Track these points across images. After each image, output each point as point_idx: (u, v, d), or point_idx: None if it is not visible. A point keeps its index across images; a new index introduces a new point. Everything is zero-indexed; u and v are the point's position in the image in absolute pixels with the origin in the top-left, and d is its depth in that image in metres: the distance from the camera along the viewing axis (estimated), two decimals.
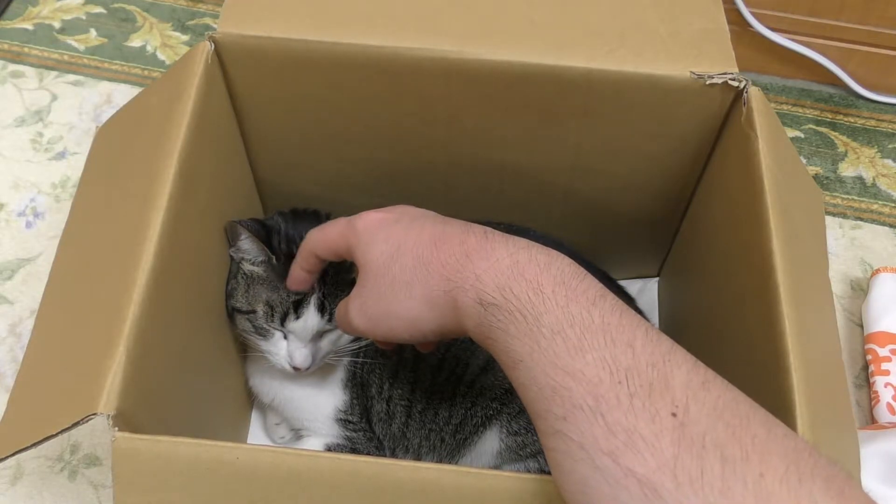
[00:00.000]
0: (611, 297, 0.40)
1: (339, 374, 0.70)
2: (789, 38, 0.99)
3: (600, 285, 0.41)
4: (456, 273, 0.44)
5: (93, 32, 1.09)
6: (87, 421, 0.44)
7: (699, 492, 0.33)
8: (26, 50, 1.06)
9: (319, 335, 0.65)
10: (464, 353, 0.68)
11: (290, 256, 0.64)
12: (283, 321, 0.63)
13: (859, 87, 1.03)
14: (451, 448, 0.70)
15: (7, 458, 0.46)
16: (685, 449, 0.34)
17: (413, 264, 0.47)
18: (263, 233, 0.64)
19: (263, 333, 0.64)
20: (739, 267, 0.58)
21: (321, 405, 0.70)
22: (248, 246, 0.64)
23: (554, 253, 0.43)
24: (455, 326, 0.45)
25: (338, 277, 0.65)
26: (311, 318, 0.63)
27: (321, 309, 0.63)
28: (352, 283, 0.65)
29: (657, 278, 0.87)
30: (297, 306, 0.63)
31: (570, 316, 0.39)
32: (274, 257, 0.63)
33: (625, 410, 0.35)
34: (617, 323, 0.39)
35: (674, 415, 0.35)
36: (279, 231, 0.66)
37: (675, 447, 0.34)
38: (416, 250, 0.47)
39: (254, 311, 0.64)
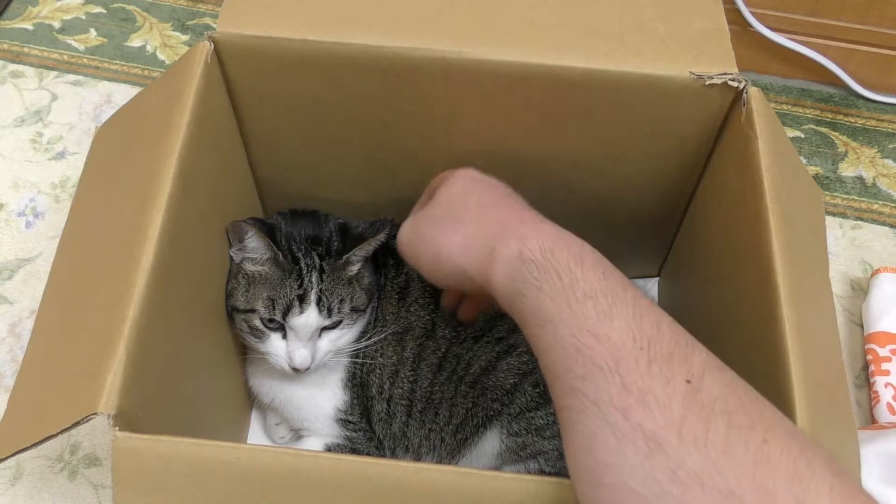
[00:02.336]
0: (642, 290, 0.44)
1: (339, 375, 0.70)
2: (789, 38, 0.99)
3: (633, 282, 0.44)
4: (505, 229, 0.47)
5: (93, 32, 1.09)
6: (88, 421, 0.44)
7: (702, 449, 0.34)
8: (26, 50, 1.06)
9: (318, 334, 0.65)
10: (465, 353, 0.68)
11: (292, 254, 0.64)
12: (285, 315, 0.63)
13: (859, 87, 1.03)
14: (452, 448, 0.70)
15: (7, 458, 0.46)
16: (694, 412, 0.35)
17: (473, 207, 0.52)
18: (267, 230, 0.64)
19: (259, 335, 0.64)
20: (739, 267, 0.58)
21: (321, 405, 0.70)
22: (254, 244, 0.64)
23: (596, 250, 0.46)
24: (479, 275, 0.48)
25: (335, 275, 0.65)
26: (311, 313, 0.63)
27: (319, 304, 0.63)
28: (350, 281, 0.66)
29: (657, 278, 0.87)
30: (301, 300, 0.63)
31: (604, 287, 0.41)
32: (280, 253, 0.63)
33: (642, 373, 0.37)
34: (647, 305, 0.41)
35: (688, 381, 0.36)
36: (280, 229, 0.67)
37: (685, 409, 0.35)
38: (482, 199, 0.52)
39: (253, 310, 0.64)
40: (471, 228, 0.51)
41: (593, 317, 0.40)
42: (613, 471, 0.36)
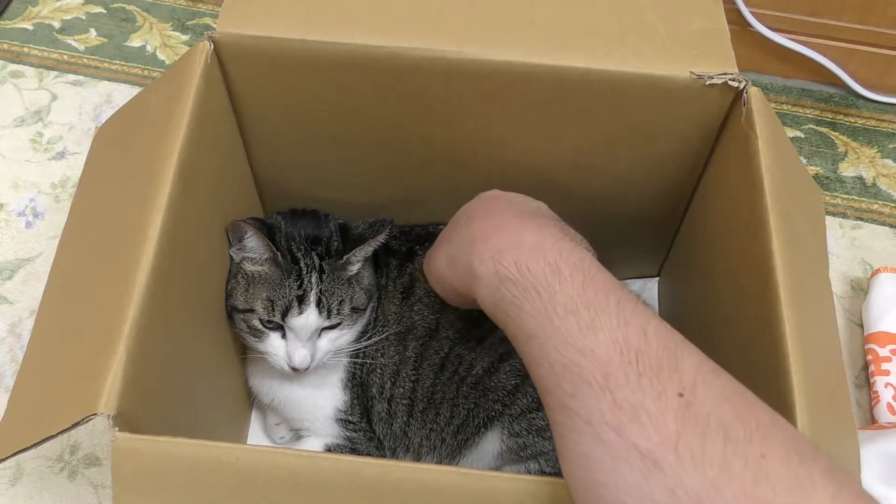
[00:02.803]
0: (627, 290, 0.42)
1: (339, 375, 0.70)
2: (789, 38, 0.99)
3: (618, 280, 0.43)
4: (480, 242, 0.47)
5: (93, 32, 1.09)
6: (88, 421, 0.44)
7: (699, 467, 0.33)
8: (26, 50, 1.06)
9: (318, 334, 0.65)
10: (468, 354, 0.68)
11: (292, 254, 0.64)
12: (284, 315, 0.63)
13: (859, 87, 1.03)
14: (452, 448, 0.70)
15: (7, 458, 0.46)
16: (689, 426, 0.35)
17: (462, 222, 0.52)
18: (266, 230, 0.64)
19: (258, 335, 0.64)
20: (739, 267, 0.58)
21: (321, 405, 0.70)
22: (253, 244, 0.64)
23: (580, 245, 0.45)
24: (466, 290, 0.48)
25: (334, 275, 0.65)
26: (311, 314, 0.63)
27: (319, 304, 0.63)
28: (349, 281, 0.66)
29: (657, 278, 0.87)
30: (300, 301, 0.63)
31: (585, 297, 0.40)
32: (279, 253, 0.63)
33: (633, 388, 0.36)
34: (632, 309, 0.40)
35: (681, 395, 0.36)
36: (280, 229, 0.67)
37: (680, 424, 0.35)
38: (476, 212, 0.52)
39: (252, 310, 0.64)
40: (454, 244, 0.51)
41: (576, 332, 0.39)
42: (610, 490, 0.35)
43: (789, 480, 0.33)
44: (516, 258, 0.44)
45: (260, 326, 0.64)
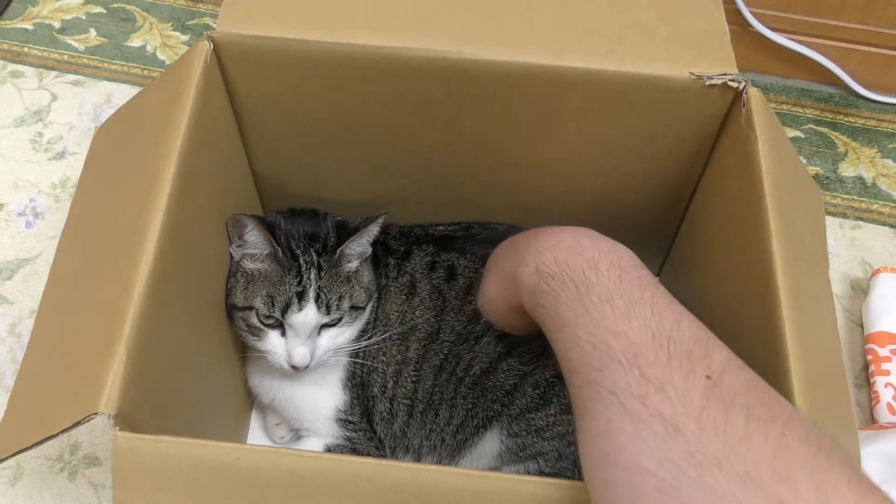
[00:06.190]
0: (663, 288, 0.43)
1: (339, 374, 0.70)
2: (789, 38, 0.99)
3: (655, 278, 0.44)
4: (522, 249, 0.48)
5: (93, 32, 1.09)
6: (88, 421, 0.44)
7: (721, 436, 0.34)
8: (26, 50, 1.06)
9: (318, 331, 0.65)
10: (466, 353, 0.68)
11: (291, 251, 0.64)
12: (283, 312, 0.63)
13: (859, 87, 1.03)
14: (452, 449, 0.70)
15: (7, 458, 0.46)
16: (714, 403, 0.36)
17: (501, 250, 0.54)
18: (266, 226, 0.65)
19: (257, 333, 0.64)
20: (739, 267, 0.58)
21: (321, 405, 0.70)
22: (253, 238, 0.64)
23: (619, 244, 0.46)
24: (515, 300, 0.50)
25: (332, 271, 0.65)
26: (310, 311, 0.63)
27: (318, 301, 0.63)
28: (348, 278, 0.66)
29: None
30: (300, 297, 0.63)
31: (620, 290, 0.41)
32: (279, 249, 0.63)
33: (662, 366, 0.37)
34: (666, 304, 0.41)
35: (708, 377, 0.37)
36: (279, 227, 0.67)
37: (704, 400, 0.36)
38: (514, 239, 0.53)
39: (251, 307, 0.64)
40: (499, 265, 0.53)
41: (610, 317, 0.40)
42: (629, 453, 0.36)
43: (808, 459, 0.34)
44: (555, 255, 0.45)
45: (259, 324, 0.64)
